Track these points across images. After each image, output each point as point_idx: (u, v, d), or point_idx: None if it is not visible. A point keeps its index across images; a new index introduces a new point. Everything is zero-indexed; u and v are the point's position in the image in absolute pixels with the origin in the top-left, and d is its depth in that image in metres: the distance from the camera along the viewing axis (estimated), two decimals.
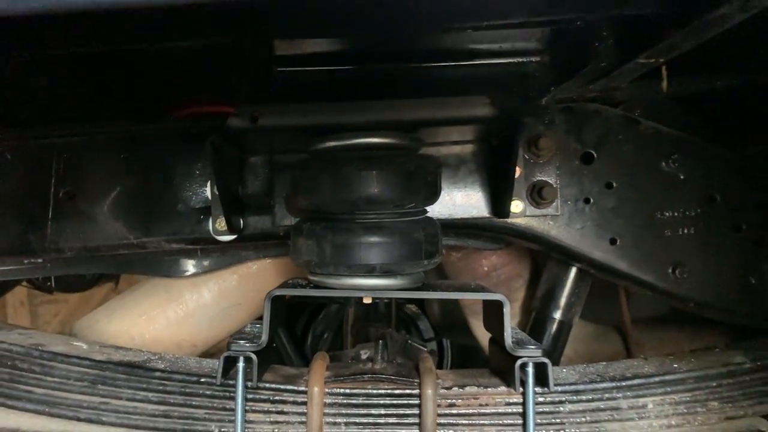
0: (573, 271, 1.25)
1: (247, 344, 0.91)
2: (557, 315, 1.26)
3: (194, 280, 1.25)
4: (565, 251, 1.13)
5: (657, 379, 0.95)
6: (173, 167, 1.12)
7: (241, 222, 1.11)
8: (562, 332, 1.27)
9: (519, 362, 0.90)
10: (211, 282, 1.26)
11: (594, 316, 1.47)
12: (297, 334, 2.36)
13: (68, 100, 1.05)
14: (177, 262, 1.19)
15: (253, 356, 0.90)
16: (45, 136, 1.12)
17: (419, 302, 2.43)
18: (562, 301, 1.26)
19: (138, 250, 1.13)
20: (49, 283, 2.48)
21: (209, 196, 1.09)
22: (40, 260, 1.13)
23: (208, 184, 1.09)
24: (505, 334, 0.91)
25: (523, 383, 0.92)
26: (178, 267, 1.20)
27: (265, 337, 0.91)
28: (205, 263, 1.20)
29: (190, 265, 1.20)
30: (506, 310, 0.91)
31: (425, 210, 0.96)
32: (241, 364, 0.91)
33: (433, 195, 0.94)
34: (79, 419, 0.93)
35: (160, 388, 0.94)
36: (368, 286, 0.91)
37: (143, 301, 1.27)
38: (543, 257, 1.35)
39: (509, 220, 1.11)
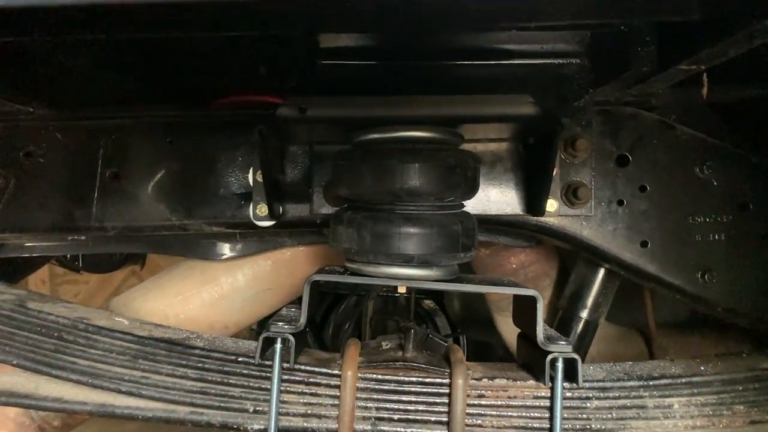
0: (601, 272, 1.27)
1: (286, 326, 0.94)
2: (584, 314, 1.28)
3: (230, 263, 1.29)
4: (596, 251, 1.15)
5: (684, 380, 0.97)
6: (216, 153, 1.15)
7: (281, 209, 1.14)
8: (588, 332, 1.29)
9: (549, 357, 0.92)
10: (246, 266, 1.29)
11: (617, 317, 1.49)
12: (316, 321, 2.40)
13: (116, 83, 1.08)
14: (214, 245, 1.23)
15: (291, 338, 0.93)
16: (94, 118, 1.15)
17: (437, 298, 2.46)
18: (590, 301, 1.28)
19: (179, 232, 1.16)
20: (76, 263, 2.54)
21: (250, 183, 1.12)
22: (83, 237, 1.16)
23: (250, 170, 1.12)
24: (537, 329, 0.93)
25: (552, 378, 0.94)
26: (215, 250, 1.23)
27: (303, 320, 0.94)
28: (242, 248, 1.23)
29: (226, 249, 1.23)
30: (539, 305, 0.93)
31: (463, 204, 0.99)
32: (278, 345, 0.94)
33: (472, 190, 0.96)
34: (120, 392, 0.97)
35: (199, 365, 0.97)
36: (405, 275, 0.93)
37: (179, 282, 1.30)
38: (571, 257, 1.37)
39: (543, 219, 1.13)
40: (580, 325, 1.28)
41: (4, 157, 1.16)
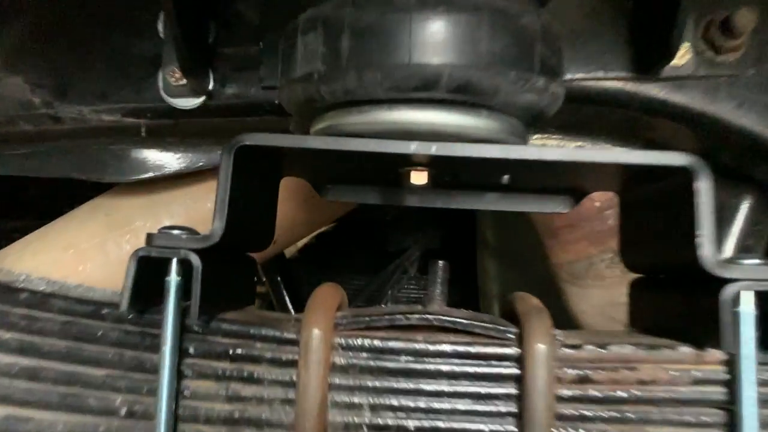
0: (747, 199, 0.78)
1: (185, 235, 0.47)
2: None
3: (149, 199, 0.81)
4: (743, 144, 0.66)
5: None
6: None
7: (211, 80, 0.67)
8: None
9: (728, 290, 0.44)
10: (174, 203, 0.81)
11: None
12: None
13: None
14: (119, 158, 0.75)
15: (196, 260, 0.46)
16: None
17: None
18: (731, 242, 0.78)
19: (52, 127, 0.70)
20: None
21: (161, 35, 0.67)
22: None
23: (160, 15, 0.66)
24: (701, 233, 0.45)
25: (734, 337, 0.45)
26: (121, 167, 0.75)
27: (219, 224, 0.47)
28: (163, 161, 0.76)
29: (140, 164, 0.76)
30: (702, 184, 0.45)
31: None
32: (173, 279, 0.47)
33: None
34: None
35: (23, 324, 0.50)
36: (424, 124, 0.45)
37: (75, 229, 0.83)
38: None
39: (661, 86, 0.65)
40: None
41: None
